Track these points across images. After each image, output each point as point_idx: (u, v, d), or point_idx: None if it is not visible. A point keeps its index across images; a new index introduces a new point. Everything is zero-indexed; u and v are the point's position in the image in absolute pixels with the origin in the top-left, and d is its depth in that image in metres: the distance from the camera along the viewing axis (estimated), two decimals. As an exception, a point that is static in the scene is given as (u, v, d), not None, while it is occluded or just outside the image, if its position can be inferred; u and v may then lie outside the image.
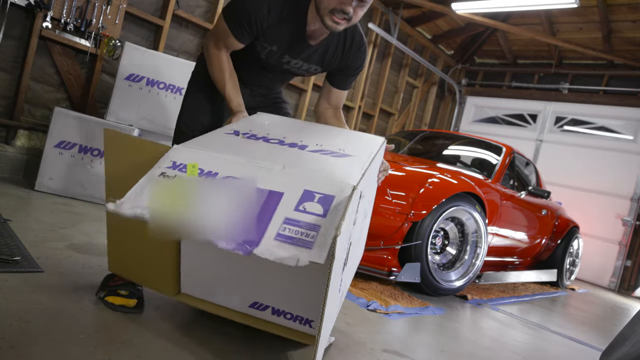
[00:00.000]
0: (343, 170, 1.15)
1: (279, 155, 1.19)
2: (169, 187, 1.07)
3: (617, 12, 5.42)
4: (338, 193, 1.05)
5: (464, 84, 7.54)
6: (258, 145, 1.25)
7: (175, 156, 1.13)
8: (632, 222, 5.72)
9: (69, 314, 1.22)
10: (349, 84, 1.77)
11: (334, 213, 1.02)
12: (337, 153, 1.26)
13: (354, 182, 1.07)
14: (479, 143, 3.91)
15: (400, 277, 2.41)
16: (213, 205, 1.05)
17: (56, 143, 2.76)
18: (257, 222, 1.02)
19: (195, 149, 1.16)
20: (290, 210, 1.03)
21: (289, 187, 1.07)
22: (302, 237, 0.99)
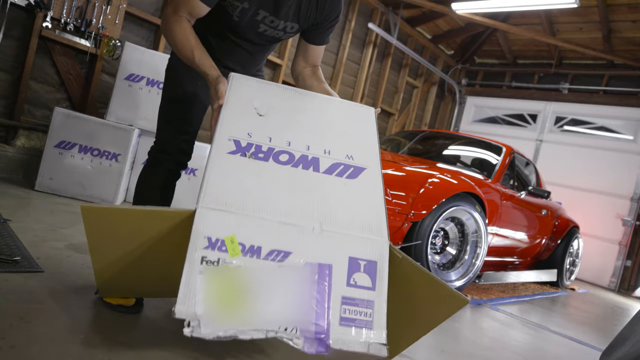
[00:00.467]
0: (371, 212, 1.19)
1: (303, 195, 1.16)
2: (218, 278, 1.02)
3: (617, 12, 5.42)
4: (379, 258, 1.13)
5: (464, 84, 7.54)
6: (274, 177, 1.17)
7: (206, 229, 1.04)
8: (632, 222, 5.71)
9: (69, 314, 1.22)
10: (326, 38, 1.64)
11: (380, 283, 1.11)
12: (349, 165, 1.27)
13: (386, 237, 1.15)
14: (479, 143, 3.90)
15: (400, 277, 2.41)
16: (271, 295, 1.04)
17: (56, 143, 2.76)
18: (318, 306, 1.05)
19: (220, 210, 1.07)
20: (343, 286, 1.08)
21: (334, 255, 1.10)
22: (362, 317, 1.07)
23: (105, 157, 2.84)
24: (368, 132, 1.38)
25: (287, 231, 1.09)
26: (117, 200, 2.88)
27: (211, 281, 1.01)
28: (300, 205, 1.14)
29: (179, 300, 0.99)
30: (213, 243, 1.04)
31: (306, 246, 1.09)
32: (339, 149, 1.29)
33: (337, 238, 1.12)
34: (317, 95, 1.44)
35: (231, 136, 1.21)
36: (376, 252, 1.13)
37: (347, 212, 1.16)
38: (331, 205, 1.16)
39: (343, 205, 1.17)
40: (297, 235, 1.09)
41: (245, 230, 1.06)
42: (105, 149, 2.84)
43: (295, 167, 1.21)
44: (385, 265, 1.13)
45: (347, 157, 1.28)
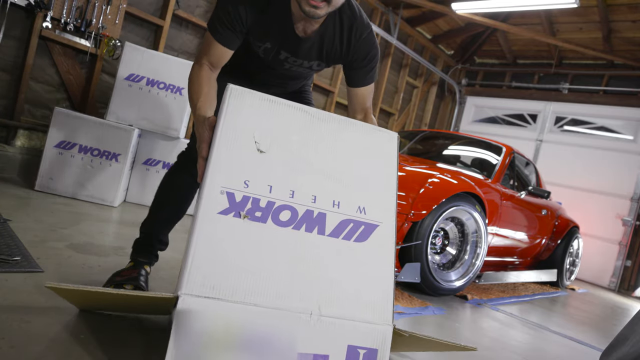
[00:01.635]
0: (377, 287, 1.08)
1: (303, 270, 1.04)
2: None
3: (617, 12, 5.42)
4: (380, 345, 1.05)
5: (464, 84, 7.54)
6: (272, 246, 1.03)
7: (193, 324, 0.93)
8: (632, 222, 5.71)
9: (69, 314, 1.22)
10: (365, 78, 1.57)
11: None
12: (360, 222, 1.11)
13: (390, 321, 1.07)
14: (479, 143, 3.90)
15: (400, 277, 2.41)
16: None
17: (56, 143, 2.76)
18: None
19: (207, 297, 0.95)
20: None
21: (331, 344, 1.02)
22: None
23: (105, 157, 2.84)
24: (387, 169, 1.19)
25: (282, 318, 0.99)
26: (117, 201, 2.88)
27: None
28: (298, 283, 1.02)
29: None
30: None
31: (303, 334, 1.00)
32: (351, 199, 1.12)
33: (337, 325, 1.02)
34: (334, 119, 1.19)
35: (224, 187, 1.02)
36: (378, 340, 1.05)
37: (351, 288, 1.06)
38: (334, 280, 1.05)
39: (347, 279, 1.06)
40: (294, 323, 1.00)
41: (237, 319, 0.96)
42: (105, 149, 2.84)
43: (297, 230, 1.05)
44: (386, 352, 1.06)
45: (359, 210, 1.12)
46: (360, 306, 1.05)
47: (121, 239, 2.17)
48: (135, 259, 1.53)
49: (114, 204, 2.86)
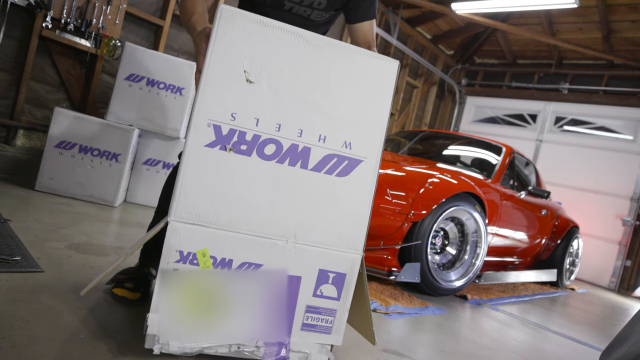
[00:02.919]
0: (353, 220, 1.14)
1: (283, 202, 1.09)
2: (188, 286, 1.04)
3: (617, 12, 5.42)
4: (349, 270, 1.15)
5: (463, 84, 7.54)
6: (255, 178, 1.07)
7: (178, 243, 1.03)
8: (632, 222, 5.72)
9: (69, 314, 1.22)
10: (367, 12, 1.48)
11: (346, 293, 1.16)
12: (344, 157, 1.12)
13: (360, 251, 1.15)
14: (479, 143, 3.91)
15: (400, 277, 2.41)
16: (239, 306, 1.07)
17: (56, 143, 2.76)
18: (283, 316, 1.10)
19: (193, 224, 1.04)
20: (310, 296, 1.13)
21: (304, 268, 1.12)
22: (322, 323, 1.14)
23: (105, 157, 2.85)
24: (381, 101, 1.15)
25: (260, 244, 1.09)
26: (117, 201, 2.88)
27: (181, 292, 1.04)
28: (278, 215, 1.10)
29: (152, 308, 1.03)
30: (185, 257, 1.04)
31: (278, 259, 1.10)
32: (337, 133, 1.12)
33: (310, 252, 1.12)
34: (331, 46, 1.11)
35: (211, 119, 1.03)
36: (347, 265, 1.15)
37: (328, 220, 1.13)
38: (312, 212, 1.12)
39: (325, 212, 1.13)
40: (270, 249, 1.09)
41: (217, 244, 1.06)
42: (106, 149, 2.84)
43: (280, 164, 1.08)
44: (354, 277, 1.16)
45: (345, 145, 1.12)
46: (334, 236, 1.14)
47: (121, 239, 2.17)
48: (142, 261, 1.54)
49: (114, 204, 2.86)
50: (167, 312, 1.03)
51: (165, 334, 1.02)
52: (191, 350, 1.03)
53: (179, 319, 1.03)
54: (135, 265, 1.53)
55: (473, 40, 7.18)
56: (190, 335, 1.04)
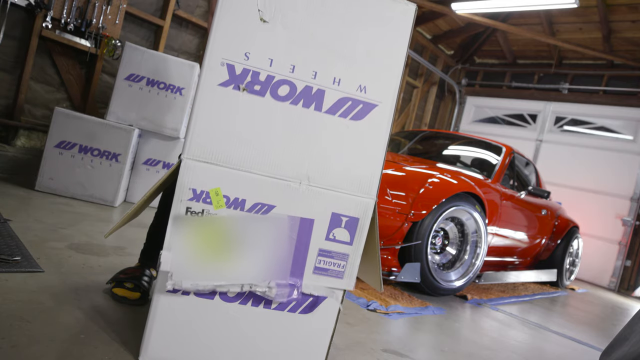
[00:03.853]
0: (366, 165, 1.13)
1: (296, 144, 1.08)
2: (201, 229, 1.05)
3: (617, 12, 5.42)
4: (362, 215, 1.13)
5: (463, 84, 7.54)
6: (269, 119, 1.06)
7: (192, 181, 1.04)
8: (632, 222, 5.72)
9: (69, 314, 1.22)
10: None
11: (359, 238, 1.14)
12: (358, 101, 1.10)
13: (374, 196, 1.14)
14: (479, 143, 3.91)
15: (400, 277, 2.41)
16: (252, 247, 1.07)
17: (56, 143, 2.76)
18: (296, 258, 1.10)
19: (206, 162, 1.04)
20: (322, 239, 1.12)
21: (317, 211, 1.11)
22: (335, 267, 1.13)
23: (105, 157, 2.85)
24: (397, 45, 1.12)
25: (273, 185, 1.08)
26: (117, 201, 2.88)
27: (194, 231, 1.04)
28: (291, 156, 1.08)
29: (165, 246, 1.03)
30: (198, 195, 1.05)
31: (291, 201, 1.09)
32: (352, 76, 1.10)
33: (323, 194, 1.11)
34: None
35: (225, 59, 1.03)
36: (360, 209, 1.13)
37: (341, 164, 1.12)
38: (325, 155, 1.11)
39: (338, 155, 1.11)
40: (283, 190, 1.09)
41: (230, 183, 1.06)
42: (106, 149, 2.84)
43: (294, 105, 1.07)
44: (367, 222, 1.14)
45: (360, 89, 1.10)
46: (347, 180, 1.12)
47: (121, 239, 2.17)
48: (142, 261, 1.54)
49: (114, 204, 2.86)
50: (180, 251, 1.03)
51: (178, 272, 1.02)
52: (204, 288, 1.03)
53: (191, 258, 1.04)
54: (135, 265, 1.53)
55: (473, 40, 7.18)
56: (203, 274, 1.04)
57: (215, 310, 1.09)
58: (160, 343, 1.07)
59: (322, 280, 1.12)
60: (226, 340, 1.10)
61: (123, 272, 1.47)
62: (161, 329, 1.06)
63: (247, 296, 1.10)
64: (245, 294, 1.09)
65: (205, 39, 4.30)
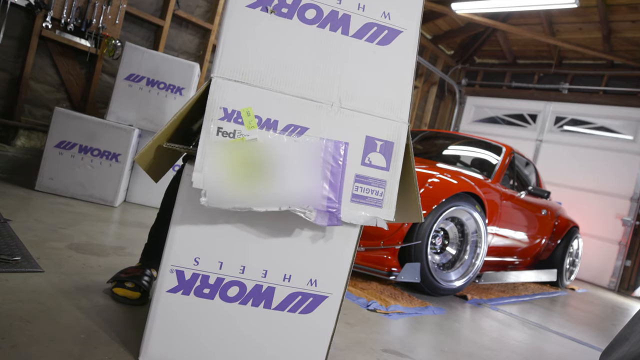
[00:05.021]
0: (396, 89, 1.13)
1: (326, 66, 1.09)
2: (233, 149, 1.01)
3: (617, 12, 5.42)
4: (396, 139, 1.11)
5: (464, 84, 7.54)
6: (297, 41, 1.07)
7: (222, 100, 1.02)
8: (632, 222, 5.72)
9: (69, 314, 1.22)
10: None
11: (395, 164, 1.11)
12: (383, 27, 1.13)
13: (406, 120, 1.13)
14: (479, 143, 3.91)
15: (400, 277, 2.41)
16: (286, 170, 1.03)
17: (56, 143, 2.76)
18: (332, 183, 1.06)
19: (236, 81, 1.03)
20: (358, 164, 1.08)
21: (351, 133, 1.08)
22: (373, 195, 1.09)
23: (105, 157, 2.85)
24: None
25: (305, 106, 1.06)
26: (117, 201, 2.88)
27: (227, 152, 1.01)
28: (321, 77, 1.08)
29: (196, 168, 1.00)
30: (229, 114, 1.02)
31: (324, 123, 1.07)
32: (376, 3, 1.14)
33: (356, 117, 1.09)
34: None
35: None
36: (394, 134, 1.11)
37: (371, 87, 1.11)
38: (354, 78, 1.10)
39: (367, 79, 1.11)
40: (316, 111, 1.07)
41: (262, 103, 1.04)
42: (106, 149, 2.84)
43: (321, 28, 1.09)
44: (401, 147, 1.12)
45: (384, 15, 1.14)
46: (379, 104, 1.11)
47: (121, 239, 2.17)
48: (143, 261, 1.55)
49: (114, 204, 2.86)
50: (212, 172, 1.00)
51: (212, 191, 0.99)
52: (239, 206, 1.00)
53: (223, 180, 1.00)
54: (136, 265, 1.53)
55: (473, 40, 7.18)
56: (236, 195, 1.01)
57: (216, 311, 1.08)
58: (161, 343, 1.07)
59: (361, 208, 1.08)
60: (226, 341, 1.10)
61: (124, 271, 1.47)
62: (161, 329, 1.06)
63: (247, 296, 1.10)
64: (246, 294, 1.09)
65: (205, 39, 4.30)
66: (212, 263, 1.07)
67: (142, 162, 1.12)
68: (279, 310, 1.11)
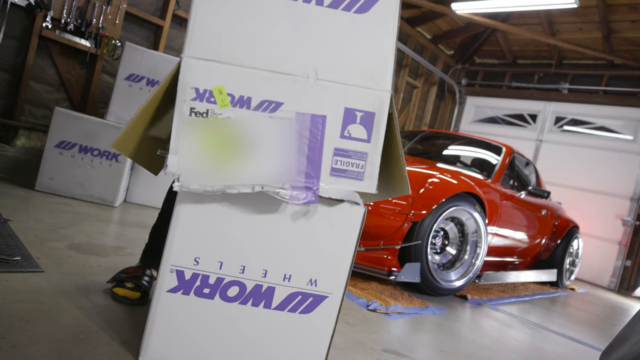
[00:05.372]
0: (377, 56, 1.07)
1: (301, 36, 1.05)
2: (207, 129, 1.00)
3: (617, 12, 5.42)
4: (377, 109, 1.07)
5: (463, 84, 7.54)
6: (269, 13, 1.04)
7: (193, 79, 1.00)
8: (632, 222, 5.72)
9: (69, 314, 1.22)
10: None
11: (376, 135, 1.06)
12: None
13: (389, 89, 1.07)
14: (479, 143, 3.91)
15: (400, 277, 2.41)
16: (261, 148, 1.01)
17: (56, 143, 2.76)
18: (309, 158, 1.03)
19: (208, 60, 1.01)
20: (337, 137, 1.05)
21: (328, 106, 1.05)
22: (353, 168, 1.06)
23: (105, 157, 2.85)
24: None
25: (279, 81, 1.03)
26: (117, 201, 2.88)
27: (200, 132, 1.00)
28: (296, 49, 1.04)
29: (171, 150, 1.00)
30: (201, 94, 1.01)
31: (299, 96, 1.04)
32: None
33: (333, 88, 1.05)
34: None
35: None
36: (375, 103, 1.07)
37: (350, 57, 1.07)
38: (332, 48, 1.06)
39: (347, 48, 1.07)
40: (290, 85, 1.04)
41: (234, 81, 1.02)
42: (106, 149, 2.84)
43: (294, 0, 1.06)
44: (383, 117, 1.07)
45: None
46: (358, 74, 1.07)
47: (121, 239, 2.17)
48: (143, 261, 1.54)
49: (114, 204, 2.86)
50: (186, 154, 1.00)
51: (185, 174, 1.00)
52: (211, 189, 0.99)
53: (198, 161, 1.00)
54: (136, 265, 1.53)
55: (473, 40, 7.18)
56: (210, 176, 1.00)
57: (215, 310, 1.08)
58: (160, 343, 1.07)
59: (341, 182, 1.06)
60: (226, 340, 1.10)
61: (124, 271, 1.47)
62: (161, 329, 1.06)
63: (247, 296, 1.10)
64: (246, 294, 1.09)
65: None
66: (212, 263, 1.07)
67: (122, 148, 1.09)
68: (279, 310, 1.11)
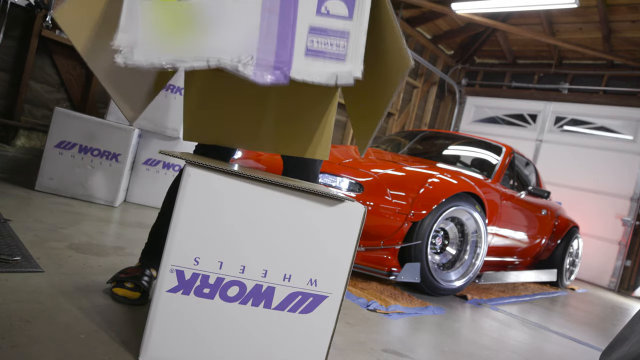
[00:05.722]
0: None
1: None
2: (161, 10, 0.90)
3: (617, 12, 5.42)
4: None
5: (463, 84, 7.54)
6: None
7: None
8: (632, 222, 5.72)
9: (69, 314, 1.22)
10: None
11: (360, 10, 0.94)
12: None
13: None
14: (479, 143, 3.91)
15: (400, 277, 2.41)
16: (222, 26, 0.91)
17: (56, 143, 2.76)
18: (281, 37, 0.93)
19: None
20: (312, 15, 0.94)
21: None
22: (333, 49, 0.94)
23: (105, 157, 2.85)
24: None
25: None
26: (117, 201, 2.88)
27: (155, 11, 0.90)
28: None
29: (121, 28, 0.89)
30: None
31: None
32: None
33: None
34: None
35: None
36: None
37: None
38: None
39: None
40: None
41: None
42: (106, 149, 2.84)
43: None
44: None
45: None
46: None
47: (121, 239, 2.17)
48: (143, 261, 1.55)
49: (114, 204, 2.86)
50: (136, 30, 0.89)
51: (132, 47, 0.88)
52: (158, 60, 0.89)
53: (149, 35, 0.90)
54: (136, 265, 1.53)
55: (473, 40, 7.18)
56: (160, 50, 0.90)
57: (215, 310, 1.09)
58: (160, 343, 1.07)
59: (319, 64, 0.94)
60: (226, 340, 1.10)
61: (123, 271, 1.47)
62: (161, 329, 1.06)
63: (247, 296, 1.10)
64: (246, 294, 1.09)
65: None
66: (212, 263, 1.07)
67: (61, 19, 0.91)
68: (279, 310, 1.11)
